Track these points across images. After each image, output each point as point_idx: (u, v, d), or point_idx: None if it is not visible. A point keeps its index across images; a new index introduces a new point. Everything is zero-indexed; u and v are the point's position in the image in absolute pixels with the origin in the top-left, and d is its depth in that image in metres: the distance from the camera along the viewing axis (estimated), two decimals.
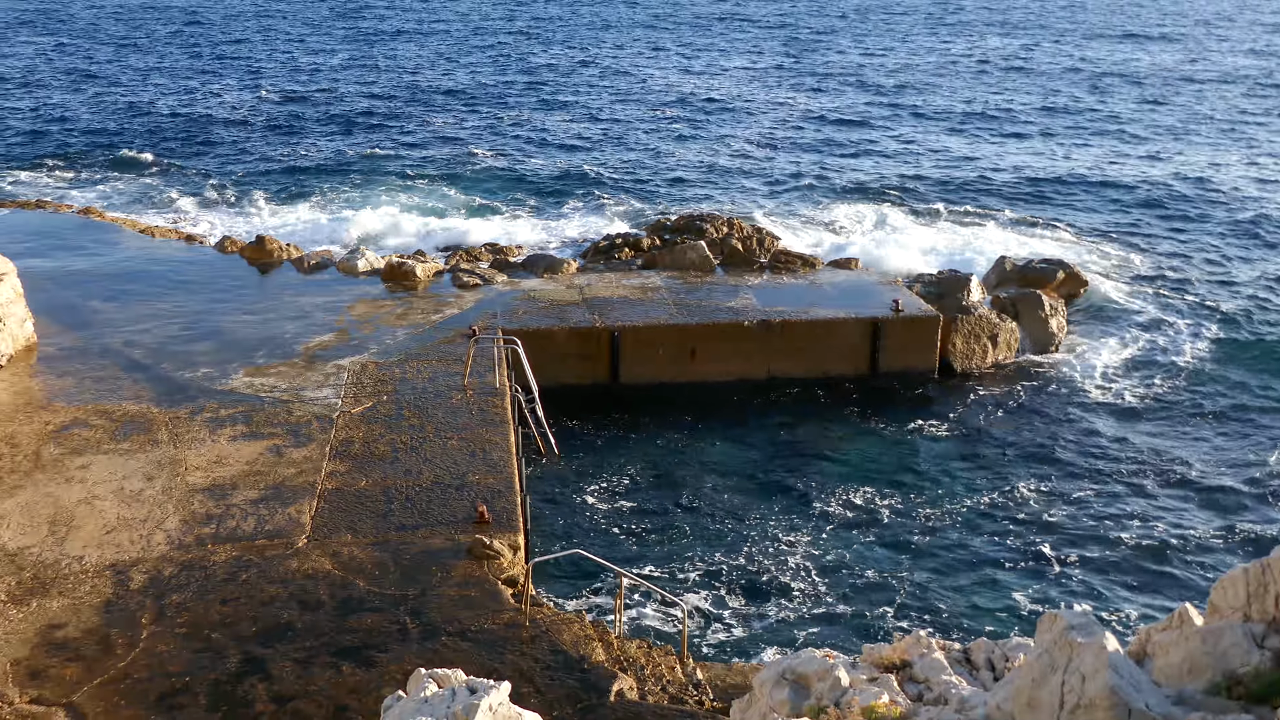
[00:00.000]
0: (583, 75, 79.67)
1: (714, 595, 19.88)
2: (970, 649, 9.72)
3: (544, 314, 28.40)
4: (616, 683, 14.09)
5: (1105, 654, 6.16)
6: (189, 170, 51.69)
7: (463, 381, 23.49)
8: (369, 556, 16.86)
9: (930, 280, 32.28)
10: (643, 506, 22.88)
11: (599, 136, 59.25)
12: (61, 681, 13.92)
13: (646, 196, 46.81)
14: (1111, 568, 21.08)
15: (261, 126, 61.54)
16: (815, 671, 8.86)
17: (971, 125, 62.51)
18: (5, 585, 15.99)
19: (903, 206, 45.10)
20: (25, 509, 18.12)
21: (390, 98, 70.37)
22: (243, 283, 30.74)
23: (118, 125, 61.56)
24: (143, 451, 20.20)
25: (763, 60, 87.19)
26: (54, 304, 27.93)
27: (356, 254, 32.48)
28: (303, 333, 26.55)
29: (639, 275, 32.05)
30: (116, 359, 24.77)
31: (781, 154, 55.15)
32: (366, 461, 19.92)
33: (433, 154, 54.80)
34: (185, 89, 73.60)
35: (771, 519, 22.44)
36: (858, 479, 24.10)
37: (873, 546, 21.54)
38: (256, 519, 17.90)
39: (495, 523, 17.83)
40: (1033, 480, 24.30)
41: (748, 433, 26.30)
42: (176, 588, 15.99)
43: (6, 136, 58.67)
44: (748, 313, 28.65)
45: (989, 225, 42.71)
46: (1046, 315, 31.33)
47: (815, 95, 71.59)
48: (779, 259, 33.14)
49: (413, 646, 14.72)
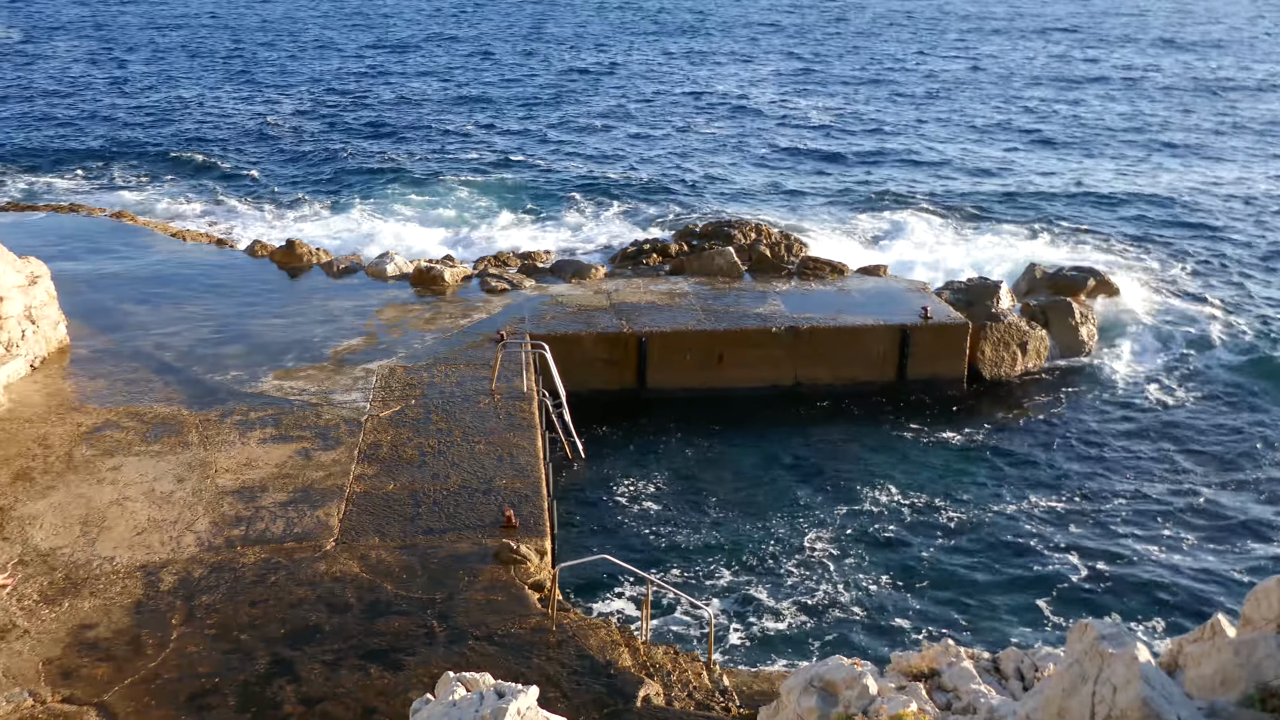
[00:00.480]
0: (611, 81, 79.78)
1: (741, 601, 19.85)
2: (999, 658, 9.69)
3: (571, 319, 28.44)
4: (643, 688, 14.09)
5: (1137, 665, 6.13)
6: (220, 175, 52.05)
7: (490, 386, 23.55)
8: (396, 560, 16.93)
9: (959, 287, 32.14)
10: (669, 512, 22.87)
11: (627, 143, 59.31)
12: (93, 681, 14.04)
13: (674, 202, 46.82)
14: (1142, 577, 20.92)
15: (292, 133, 61.93)
16: (843, 679, 8.85)
17: (1002, 133, 62.24)
18: (38, 585, 16.15)
19: (932, 213, 44.92)
20: (58, 509, 18.29)
21: (419, 104, 70.67)
22: (273, 286, 30.94)
23: (150, 130, 62.07)
24: (173, 453, 20.35)
25: (792, 66, 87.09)
26: (86, 306, 28.19)
27: (385, 258, 32.62)
28: (332, 336, 26.70)
29: (667, 281, 32.05)
30: (148, 361, 24.97)
31: (809, 160, 55.06)
32: (394, 465, 20.01)
33: (461, 160, 55.00)
34: (217, 95, 74.15)
35: (798, 526, 22.39)
36: (885, 486, 24.02)
37: (900, 554, 21.46)
38: (285, 521, 18.00)
39: (522, 527, 17.88)
40: (1061, 488, 24.17)
41: (775, 439, 26.26)
42: (206, 589, 16.10)
43: (41, 140, 59.25)
44: (775, 319, 28.61)
45: (1019, 232, 42.49)
46: (1077, 323, 31.16)
47: (845, 102, 71.45)
48: (807, 265, 33.07)
49: (440, 650, 14.77)
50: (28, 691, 13.75)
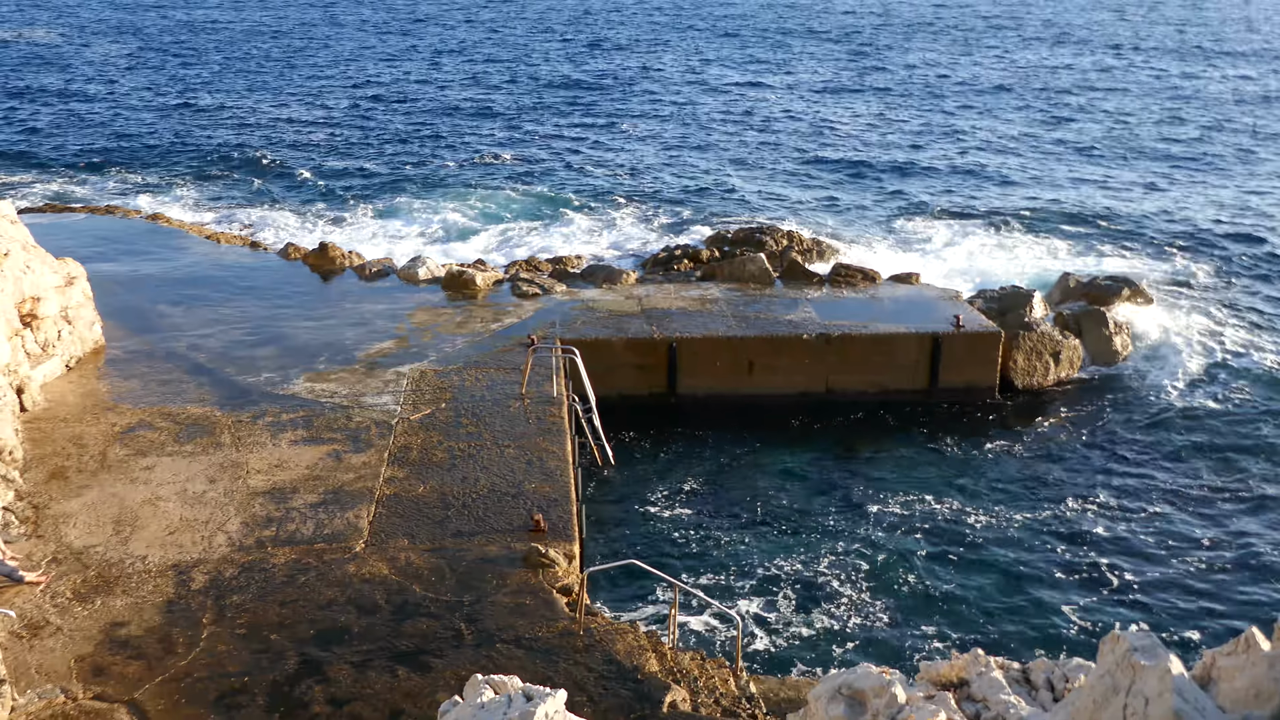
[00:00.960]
0: (645, 86, 79.86)
1: (769, 608, 19.79)
2: (1029, 668, 9.61)
3: (602, 324, 28.46)
4: (669, 694, 14.07)
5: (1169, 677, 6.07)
6: (255, 178, 52.44)
7: (520, 390, 23.60)
8: (425, 562, 16.98)
9: (992, 296, 31.97)
10: (698, 518, 22.84)
11: (660, 149, 59.35)
12: (123, 679, 14.15)
13: (706, 208, 46.79)
14: (1175, 588, 20.74)
15: (325, 137, 62.33)
16: (871, 688, 8.80)
17: (1036, 142, 61.88)
18: (71, 583, 16.29)
19: (965, 221, 44.72)
20: (91, 508, 18.45)
21: (451, 109, 70.98)
22: (305, 289, 31.13)
23: (185, 134, 62.62)
24: (205, 454, 20.50)
25: (825, 74, 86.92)
26: (122, 307, 28.44)
27: (417, 262, 32.76)
28: (363, 339, 26.83)
29: (698, 286, 32.04)
30: (181, 362, 25.17)
31: (842, 168, 54.92)
32: (424, 468, 20.07)
33: (493, 165, 55.18)
34: (253, 100, 74.72)
35: (828, 533, 22.31)
36: (916, 495, 23.90)
37: (930, 563, 21.35)
38: (315, 523, 18.10)
39: (551, 531, 17.90)
40: (1094, 499, 23.98)
41: (805, 446, 26.19)
42: (237, 589, 16.20)
43: (79, 143, 59.89)
44: (807, 326, 28.53)
45: (1053, 241, 42.24)
46: (1110, 333, 30.93)
47: (879, 110, 71.25)
48: (839, 272, 32.97)
49: (468, 653, 14.80)
50: (60, 688, 13.87)
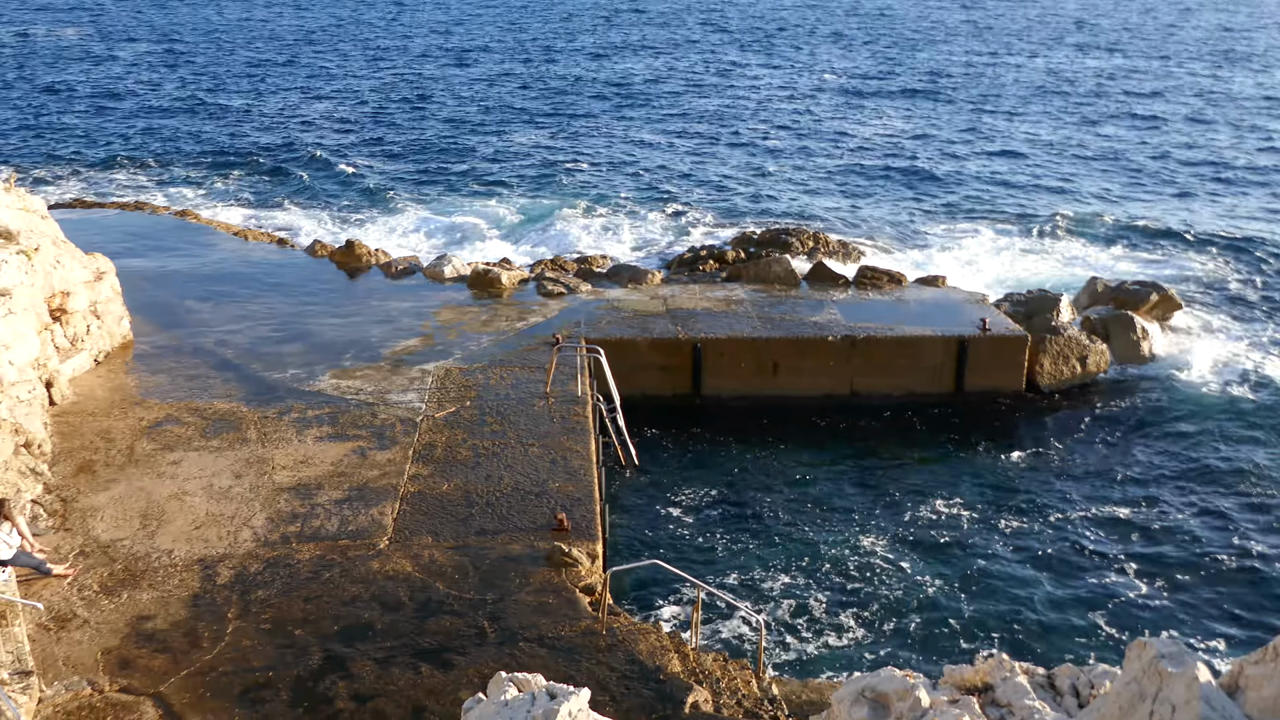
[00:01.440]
0: (670, 88, 79.84)
1: (792, 610, 19.76)
2: (1054, 674, 9.56)
3: (627, 324, 28.47)
4: (692, 695, 14.07)
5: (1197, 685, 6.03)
6: (283, 176, 52.70)
7: (545, 389, 23.63)
8: (449, 560, 17.03)
9: (1019, 299, 31.81)
10: (721, 519, 22.82)
11: (685, 149, 59.33)
12: (149, 672, 14.25)
13: (732, 209, 46.76)
14: (1202, 596, 20.58)
15: (353, 136, 62.59)
16: (895, 691, 8.78)
17: (1063, 145, 61.55)
18: (98, 576, 16.42)
19: (992, 224, 44.54)
20: (118, 502, 18.59)
21: (478, 109, 71.17)
22: (332, 286, 31.27)
23: (214, 132, 63.00)
24: (232, 449, 20.62)
25: (855, 76, 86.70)
26: (150, 303, 28.64)
27: (443, 260, 32.85)
28: (389, 337, 26.92)
29: (723, 287, 32.00)
30: (208, 358, 25.32)
31: (869, 170, 54.77)
32: (449, 466, 20.13)
33: (519, 165, 55.28)
34: (281, 99, 75.11)
35: (851, 535, 22.25)
36: (941, 498, 23.81)
37: (954, 566, 21.26)
38: (340, 519, 18.17)
39: (574, 531, 17.92)
40: (1119, 504, 23.82)
41: (829, 448, 26.12)
42: (262, 584, 16.29)
43: (109, 139, 60.33)
44: (832, 328, 28.46)
45: (1081, 245, 42.01)
46: (1138, 337, 30.72)
47: (905, 112, 71.04)
48: (865, 275, 32.86)
49: (490, 651, 14.84)
50: (86, 680, 13.99)
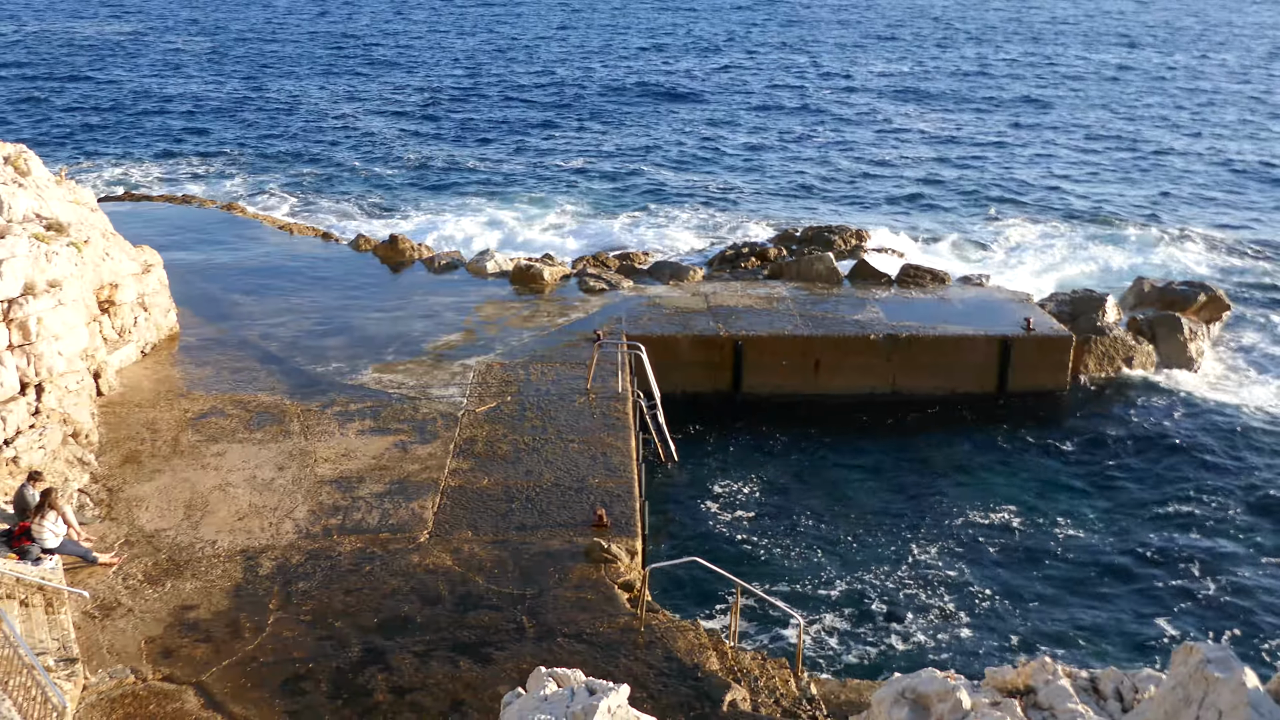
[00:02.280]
0: (715, 86, 79.68)
1: (831, 609, 19.65)
2: (1098, 678, 9.45)
3: (668, 321, 28.43)
4: (729, 693, 14.03)
5: (1244, 690, 5.94)
6: (329, 170, 53.04)
7: (586, 385, 23.65)
8: (488, 554, 17.08)
9: (1064, 299, 31.49)
10: (761, 517, 22.74)
11: (729, 147, 59.19)
12: (192, 661, 14.38)
13: (775, 207, 46.60)
14: (1249, 600, 20.28)
15: (398, 132, 62.90)
16: (936, 692, 8.70)
17: (1108, 144, 60.89)
18: (142, 565, 16.59)
19: (1037, 223, 44.11)
20: (163, 493, 18.78)
21: (522, 105, 71.32)
22: (375, 280, 31.44)
23: (261, 127, 63.51)
24: (275, 442, 20.78)
25: (896, 73, 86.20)
26: (196, 295, 28.91)
27: (485, 256, 32.94)
28: (431, 331, 27.03)
29: (765, 285, 31.89)
30: (253, 351, 25.53)
31: (912, 167, 54.42)
32: (489, 460, 20.18)
33: (563, 161, 55.34)
34: (326, 94, 75.62)
35: (891, 535, 22.11)
36: (982, 498, 23.60)
37: (995, 567, 21.07)
38: (381, 512, 18.27)
39: (614, 527, 17.92)
40: (1165, 508, 23.52)
41: (870, 447, 25.96)
42: (303, 576, 16.41)
43: (158, 133, 60.97)
44: (874, 326, 28.30)
45: (1127, 245, 41.51)
46: (1185, 339, 30.31)
47: (948, 109, 70.54)
48: (907, 273, 32.64)
49: (528, 646, 14.86)
50: (130, 668, 14.13)
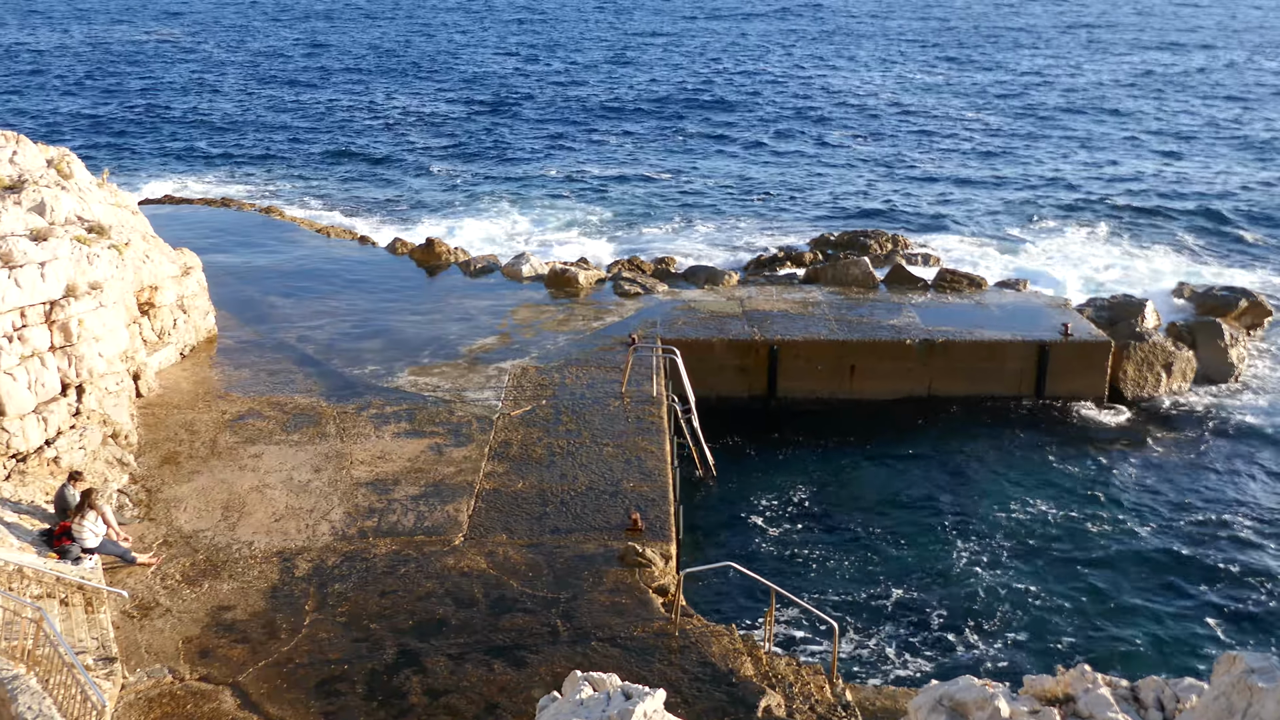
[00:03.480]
0: (749, 88, 79.57)
1: (867, 615, 19.54)
2: (1138, 687, 9.35)
3: (703, 325, 28.39)
4: (764, 699, 13.97)
5: None
6: (365, 175, 53.36)
7: (620, 389, 23.64)
8: (523, 558, 17.09)
9: (1102, 304, 31.21)
10: (796, 521, 22.65)
11: (764, 151, 59.09)
12: (228, 662, 14.47)
13: (810, 211, 46.46)
14: None
15: (434, 137, 63.19)
16: (974, 700, 8.62)
17: (1151, 146, 60.32)
18: (180, 566, 16.71)
19: (1075, 227, 43.75)
20: (201, 493, 18.91)
21: (557, 110, 71.51)
22: (411, 284, 31.58)
23: (298, 131, 63.95)
24: (311, 443, 20.89)
25: (935, 79, 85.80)
26: (234, 298, 29.12)
27: (521, 259, 33.02)
28: (466, 334, 27.12)
29: (800, 289, 31.80)
30: (290, 353, 25.69)
31: (949, 171, 54.12)
32: (524, 464, 20.21)
33: (596, 166, 55.42)
34: (363, 99, 76.10)
35: (928, 540, 21.96)
36: (1019, 505, 23.41)
37: (1034, 574, 20.88)
38: (416, 515, 18.33)
39: (648, 531, 17.90)
40: (1206, 515, 23.24)
41: (905, 452, 25.80)
42: (339, 577, 16.48)
43: (195, 137, 61.49)
44: (910, 331, 28.15)
45: (1167, 249, 41.11)
46: (1226, 345, 29.96)
47: (984, 113, 70.13)
48: (944, 278, 32.46)
49: (562, 649, 14.86)
50: (167, 668, 14.23)
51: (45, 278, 19.10)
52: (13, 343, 18.49)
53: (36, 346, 18.99)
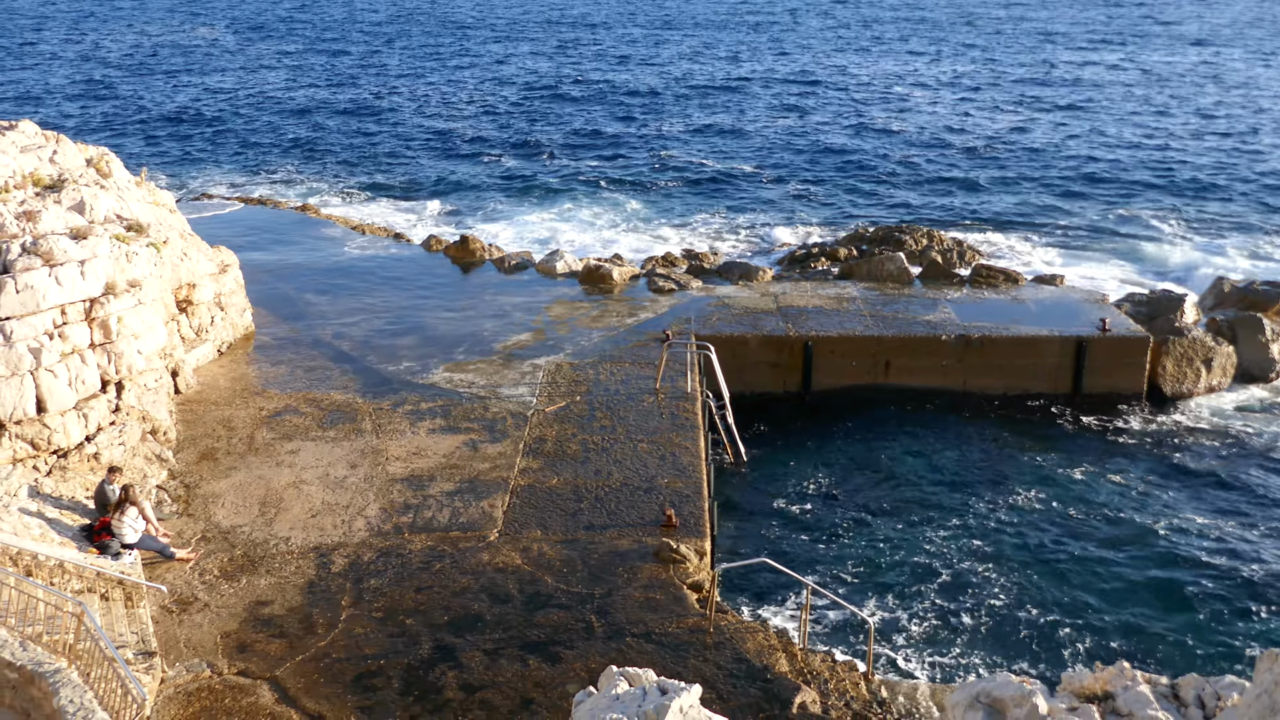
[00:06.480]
0: (782, 80, 79.31)
1: (902, 611, 19.44)
2: (1178, 684, 9.24)
3: (737, 321, 28.33)
4: (799, 695, 13.93)
5: None
6: (400, 171, 53.58)
7: (655, 385, 23.63)
8: (557, 554, 17.12)
9: (1141, 299, 30.90)
10: (830, 517, 22.56)
11: (798, 146, 58.88)
12: (266, 656, 14.57)
13: (845, 206, 46.26)
14: None
15: (469, 134, 63.36)
16: (1012, 697, 8.56)
17: (1186, 141, 59.67)
18: (218, 561, 16.85)
19: (1114, 221, 43.35)
20: (239, 489, 19.06)
21: (594, 105, 71.54)
22: (446, 280, 31.69)
23: (334, 129, 64.32)
24: (347, 440, 21.00)
25: (971, 72, 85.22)
26: (271, 295, 29.32)
27: (555, 256, 33.06)
28: (501, 331, 27.18)
29: (834, 285, 31.67)
30: (326, 350, 25.84)
31: (984, 167, 53.73)
32: (558, 460, 20.24)
33: (630, 162, 55.41)
34: (399, 98, 76.40)
35: (965, 537, 21.82)
36: (1057, 501, 23.22)
37: (1071, 572, 20.70)
38: (451, 510, 18.39)
39: (682, 527, 17.89)
40: (1247, 513, 22.98)
41: (942, 449, 25.65)
42: (375, 573, 16.56)
43: (233, 135, 61.95)
44: (945, 327, 27.98)
45: (1207, 244, 40.66)
46: (1267, 340, 29.58)
47: (1018, 108, 69.59)
48: (980, 273, 32.24)
49: (597, 645, 14.87)
50: (206, 663, 14.35)
51: (85, 275, 19.28)
52: (53, 340, 18.69)
53: (77, 344, 19.18)
